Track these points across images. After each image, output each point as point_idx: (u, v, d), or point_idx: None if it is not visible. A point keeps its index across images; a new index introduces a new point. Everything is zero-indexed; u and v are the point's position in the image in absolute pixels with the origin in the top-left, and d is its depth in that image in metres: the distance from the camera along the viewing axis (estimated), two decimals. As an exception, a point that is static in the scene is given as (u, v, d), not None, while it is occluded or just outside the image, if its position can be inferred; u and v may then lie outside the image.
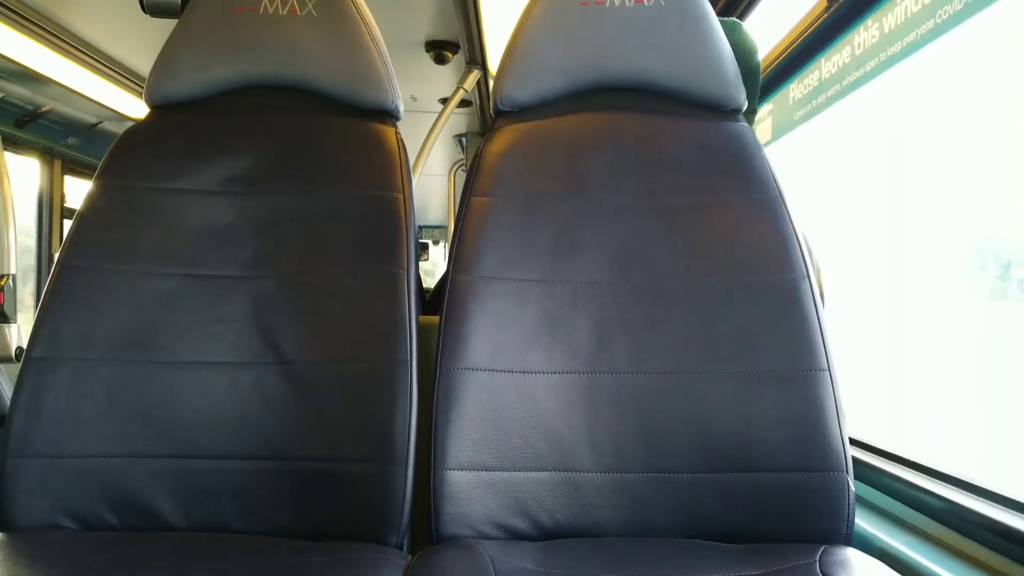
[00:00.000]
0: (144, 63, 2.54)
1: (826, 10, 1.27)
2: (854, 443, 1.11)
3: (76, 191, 3.21)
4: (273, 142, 1.01)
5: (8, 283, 1.92)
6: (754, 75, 1.10)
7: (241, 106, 1.04)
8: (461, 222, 0.94)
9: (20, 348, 1.89)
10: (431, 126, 2.16)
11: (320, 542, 0.84)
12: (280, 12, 1.04)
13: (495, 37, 2.13)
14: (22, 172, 2.98)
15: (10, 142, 2.78)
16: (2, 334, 1.89)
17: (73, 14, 2.14)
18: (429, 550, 0.82)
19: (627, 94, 1.03)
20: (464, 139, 3.72)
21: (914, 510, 0.92)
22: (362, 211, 0.96)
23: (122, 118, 2.97)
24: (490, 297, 0.89)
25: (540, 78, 1.02)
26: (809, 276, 0.89)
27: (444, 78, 2.67)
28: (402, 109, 1.07)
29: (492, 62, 2.32)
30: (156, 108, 1.05)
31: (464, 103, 2.96)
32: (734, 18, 1.20)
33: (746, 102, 1.04)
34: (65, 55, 2.33)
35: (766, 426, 0.85)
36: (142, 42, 2.34)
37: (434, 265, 7.27)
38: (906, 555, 0.84)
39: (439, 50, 2.39)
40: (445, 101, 2.85)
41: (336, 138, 1.02)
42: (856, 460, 1.03)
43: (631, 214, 0.94)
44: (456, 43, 2.35)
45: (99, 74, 2.53)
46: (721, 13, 1.57)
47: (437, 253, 7.29)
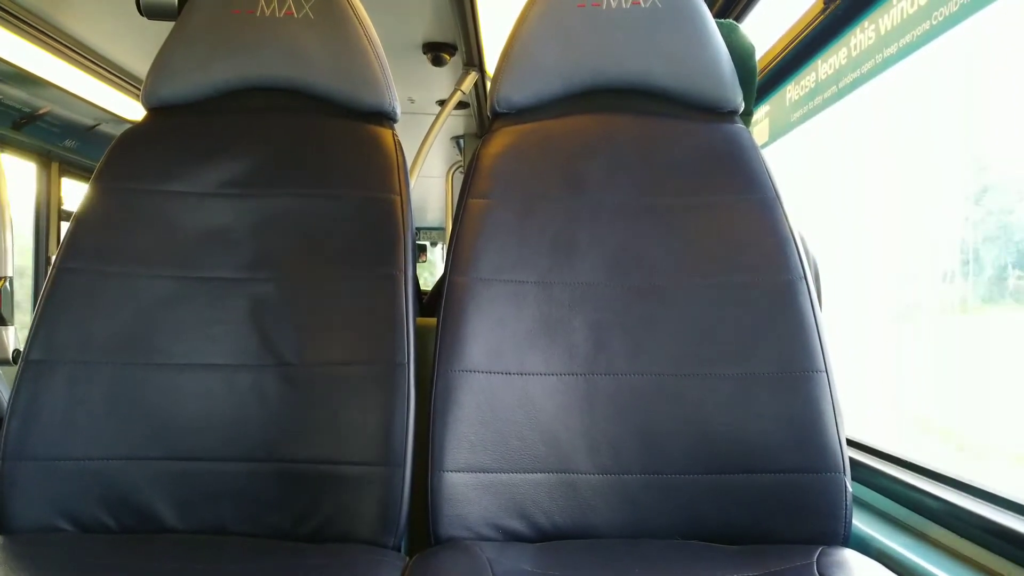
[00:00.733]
0: (141, 65, 2.53)
1: (823, 11, 1.27)
2: (852, 444, 1.11)
3: (73, 193, 3.20)
4: (270, 144, 1.01)
5: (5, 286, 1.92)
6: (751, 77, 1.10)
7: (238, 108, 1.04)
8: (459, 224, 0.94)
9: (17, 351, 1.89)
10: (428, 128, 2.16)
11: (318, 544, 0.84)
12: (277, 14, 1.04)
13: (492, 39, 2.13)
14: (19, 175, 2.97)
15: (7, 144, 2.78)
16: (-1, 337, 1.88)
17: (70, 16, 2.14)
18: (427, 552, 0.81)
19: (624, 96, 1.03)
20: (462, 141, 3.71)
21: (912, 511, 0.92)
22: (360, 213, 0.96)
23: (119, 120, 2.97)
24: (488, 299, 0.89)
25: (537, 80, 1.02)
26: (806, 277, 0.89)
27: (441, 80, 2.67)
28: (399, 111, 1.07)
29: (489, 64, 2.32)
30: (153, 110, 1.05)
31: (461, 105, 2.97)
32: (731, 20, 1.21)
33: (743, 104, 1.04)
34: (62, 57, 2.33)
35: (763, 427, 0.85)
36: (139, 44, 2.34)
37: (432, 266, 7.27)
38: (904, 556, 0.84)
39: (436, 52, 2.38)
40: (442, 103, 2.84)
41: (333, 140, 1.02)
42: (854, 461, 1.03)
43: (628, 216, 0.94)
44: (453, 45, 2.35)
45: (96, 76, 2.52)
46: (718, 15, 1.57)
47: (435, 255, 7.29)
